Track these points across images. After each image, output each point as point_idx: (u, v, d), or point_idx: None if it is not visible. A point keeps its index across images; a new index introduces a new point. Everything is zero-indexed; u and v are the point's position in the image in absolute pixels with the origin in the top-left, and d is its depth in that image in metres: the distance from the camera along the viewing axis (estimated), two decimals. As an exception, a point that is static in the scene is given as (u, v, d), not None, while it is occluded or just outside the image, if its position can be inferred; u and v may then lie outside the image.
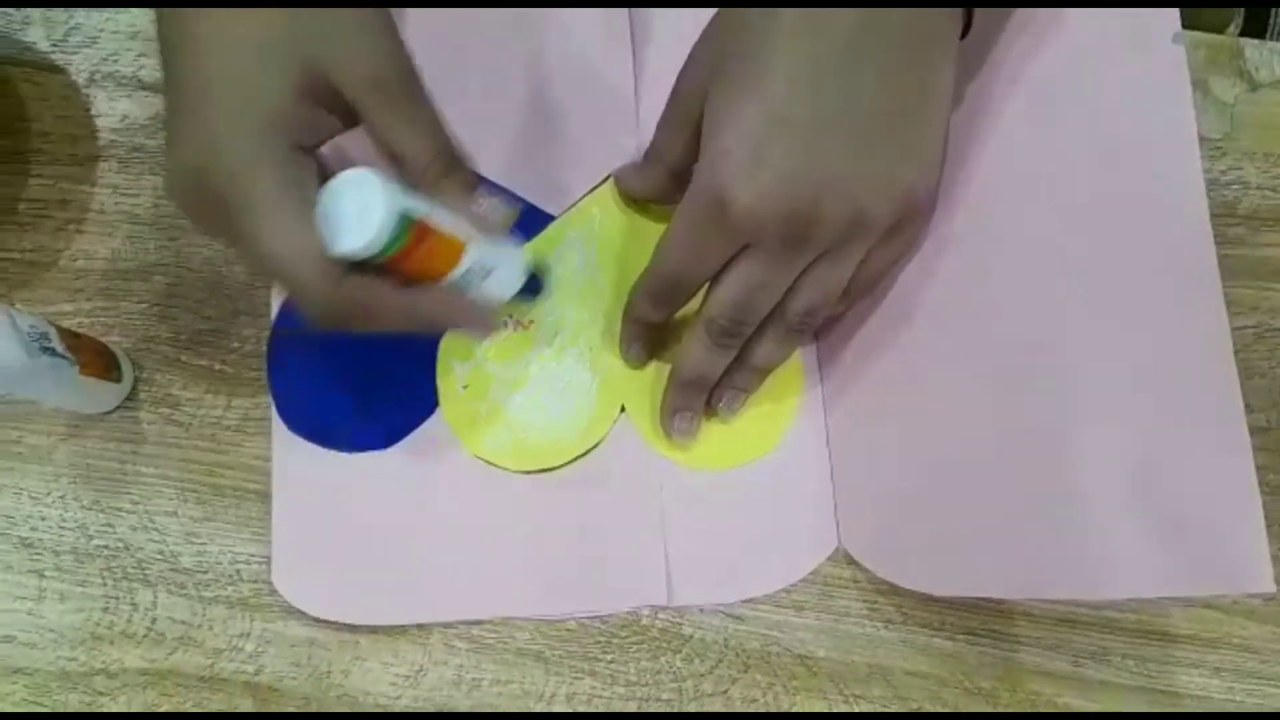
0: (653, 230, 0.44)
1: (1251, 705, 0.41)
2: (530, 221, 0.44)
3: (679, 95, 0.39)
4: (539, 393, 0.44)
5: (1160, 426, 0.39)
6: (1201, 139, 0.43)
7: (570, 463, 0.43)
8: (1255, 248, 0.46)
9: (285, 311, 0.45)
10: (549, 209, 0.45)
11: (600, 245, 0.45)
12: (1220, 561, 0.37)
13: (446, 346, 0.44)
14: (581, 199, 0.45)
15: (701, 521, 0.43)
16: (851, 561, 0.43)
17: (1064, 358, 0.41)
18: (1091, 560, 0.38)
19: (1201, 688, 0.42)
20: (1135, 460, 0.39)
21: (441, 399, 0.44)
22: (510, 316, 0.44)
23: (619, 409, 0.44)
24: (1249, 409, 0.42)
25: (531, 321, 0.45)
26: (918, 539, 0.42)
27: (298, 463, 0.43)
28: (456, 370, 0.44)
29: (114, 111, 0.47)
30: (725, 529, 0.43)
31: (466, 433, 0.44)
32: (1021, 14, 0.41)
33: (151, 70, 0.48)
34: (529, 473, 0.43)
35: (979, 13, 0.38)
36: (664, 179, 0.42)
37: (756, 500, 0.44)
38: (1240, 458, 0.38)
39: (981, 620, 0.42)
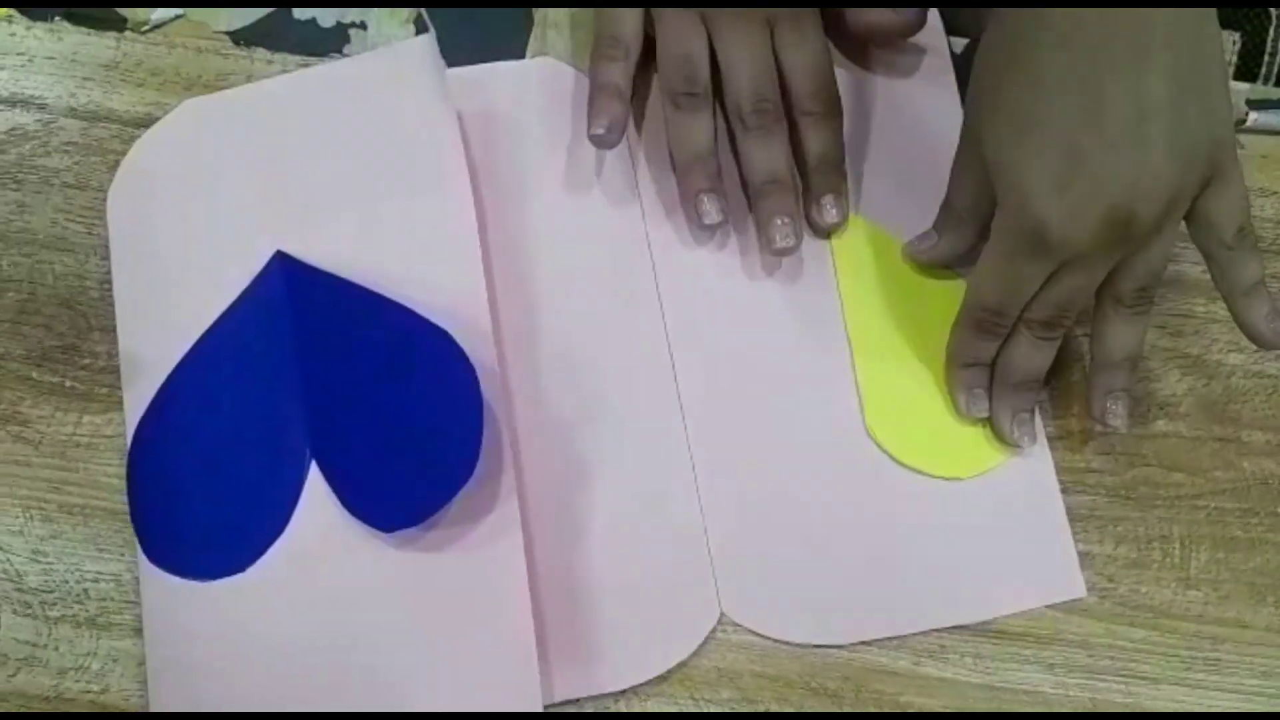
0: (899, 279, 0.46)
1: (1084, 699, 0.43)
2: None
3: (966, 143, 0.41)
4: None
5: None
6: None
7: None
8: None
9: (142, 429, 0.43)
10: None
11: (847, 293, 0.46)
12: (1041, 577, 0.44)
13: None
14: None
15: (575, 607, 0.42)
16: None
17: None
18: (943, 590, 0.44)
19: (1035, 683, 0.43)
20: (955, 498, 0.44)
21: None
22: None
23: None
24: (1050, 415, 0.45)
25: None
26: (797, 593, 0.43)
27: (163, 596, 0.41)
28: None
29: (-36, 126, 0.47)
30: (600, 614, 0.42)
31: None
32: None
33: (6, 83, 0.47)
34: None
35: None
36: (973, 233, 0.43)
37: (632, 579, 0.43)
38: (1048, 489, 0.44)
39: (827, 623, 0.44)
